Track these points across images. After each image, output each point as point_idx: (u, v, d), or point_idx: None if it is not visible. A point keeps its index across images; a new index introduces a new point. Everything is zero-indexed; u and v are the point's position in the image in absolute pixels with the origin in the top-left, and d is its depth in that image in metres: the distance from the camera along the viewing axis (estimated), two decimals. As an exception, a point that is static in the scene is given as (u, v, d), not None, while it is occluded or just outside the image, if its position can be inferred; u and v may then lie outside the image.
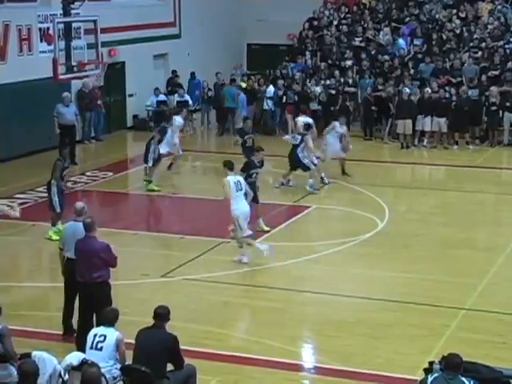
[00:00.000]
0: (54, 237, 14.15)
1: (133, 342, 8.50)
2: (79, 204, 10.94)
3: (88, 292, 9.82)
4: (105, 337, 8.42)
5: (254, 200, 14.30)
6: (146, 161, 18.24)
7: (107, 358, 8.32)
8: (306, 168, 17.89)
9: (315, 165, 17.98)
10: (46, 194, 17.81)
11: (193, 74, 26.27)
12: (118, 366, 8.39)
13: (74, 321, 10.35)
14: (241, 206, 13.23)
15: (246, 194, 13.49)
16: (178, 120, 19.58)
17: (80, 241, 10.08)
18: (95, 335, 8.47)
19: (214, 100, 25.27)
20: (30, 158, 20.80)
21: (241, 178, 13.54)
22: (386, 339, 10.67)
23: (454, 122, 22.38)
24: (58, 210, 14.67)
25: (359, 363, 9.93)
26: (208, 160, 20.95)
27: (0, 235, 15.22)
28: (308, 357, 10.58)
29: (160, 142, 18.59)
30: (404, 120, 22.32)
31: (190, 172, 21.09)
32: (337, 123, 19.00)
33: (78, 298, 10.22)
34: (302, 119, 19.10)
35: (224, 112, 24.95)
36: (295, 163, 17.88)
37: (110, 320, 8.58)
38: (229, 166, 13.50)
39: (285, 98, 24.28)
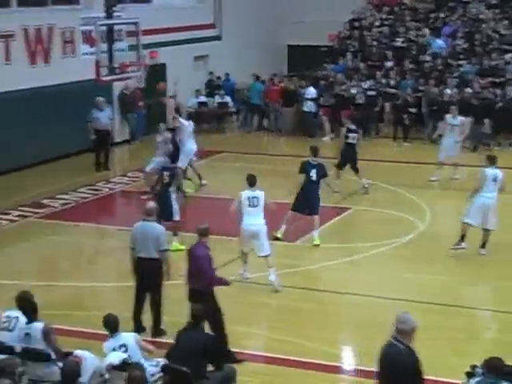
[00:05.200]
0: (181, 246, 13.34)
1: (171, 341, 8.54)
2: (149, 204, 11.02)
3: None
4: (125, 346, 8.28)
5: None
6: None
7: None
8: None
9: None
10: (87, 195, 18.10)
11: (227, 74, 26.36)
12: (154, 362, 8.39)
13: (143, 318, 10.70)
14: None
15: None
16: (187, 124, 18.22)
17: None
18: (114, 348, 8.29)
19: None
20: (74, 159, 21.11)
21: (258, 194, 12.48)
22: (427, 342, 10.51)
23: (499, 124, 22.14)
24: (178, 218, 14.07)
25: (399, 366, 9.81)
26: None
27: (44, 235, 15.43)
28: (347, 359, 10.53)
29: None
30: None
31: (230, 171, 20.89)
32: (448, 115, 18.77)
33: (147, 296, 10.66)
34: None
35: (252, 109, 25.18)
36: None
37: (114, 328, 8.44)
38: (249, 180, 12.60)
39: (321, 99, 24.18)
